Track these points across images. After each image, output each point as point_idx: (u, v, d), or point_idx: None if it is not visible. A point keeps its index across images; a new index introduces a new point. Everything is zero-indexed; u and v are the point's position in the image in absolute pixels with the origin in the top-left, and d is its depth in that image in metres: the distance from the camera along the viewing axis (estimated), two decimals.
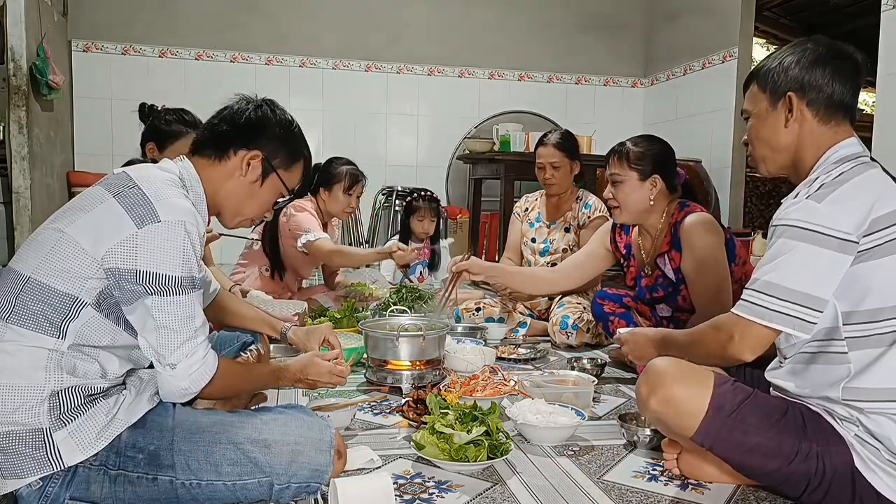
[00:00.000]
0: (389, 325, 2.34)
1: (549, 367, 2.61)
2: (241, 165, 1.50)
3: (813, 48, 1.45)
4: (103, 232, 1.28)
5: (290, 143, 1.58)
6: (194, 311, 1.34)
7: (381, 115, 5.63)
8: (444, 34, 5.70)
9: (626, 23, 6.02)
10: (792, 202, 1.37)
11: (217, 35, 5.31)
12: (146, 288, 1.27)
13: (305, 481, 1.36)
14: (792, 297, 1.32)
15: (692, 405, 1.40)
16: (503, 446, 1.58)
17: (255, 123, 1.52)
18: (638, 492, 1.50)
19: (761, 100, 1.50)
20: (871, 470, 1.31)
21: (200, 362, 1.34)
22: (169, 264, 1.28)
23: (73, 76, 5.08)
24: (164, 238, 1.28)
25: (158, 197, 1.32)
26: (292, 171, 1.59)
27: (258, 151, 1.51)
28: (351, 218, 5.38)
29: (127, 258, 1.26)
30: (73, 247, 1.28)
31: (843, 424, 1.35)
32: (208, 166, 1.50)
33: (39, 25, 4.44)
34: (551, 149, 3.23)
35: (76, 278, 1.27)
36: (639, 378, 1.54)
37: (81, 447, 1.25)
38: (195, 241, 1.34)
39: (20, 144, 4.40)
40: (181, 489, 1.30)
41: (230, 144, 1.50)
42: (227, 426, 1.36)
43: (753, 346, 1.39)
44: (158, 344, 1.30)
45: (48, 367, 1.25)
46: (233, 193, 1.52)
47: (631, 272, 2.56)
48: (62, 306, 1.27)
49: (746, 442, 1.37)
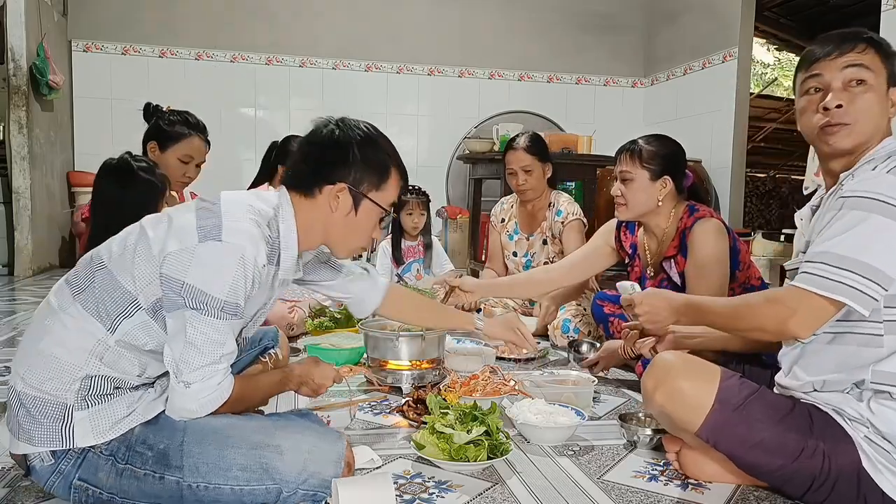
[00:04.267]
0: (389, 325, 2.34)
1: (549, 366, 2.61)
2: (330, 202, 1.46)
3: None
4: (171, 238, 1.29)
5: (372, 162, 1.49)
6: (226, 338, 1.32)
7: (381, 115, 5.63)
8: (444, 34, 5.71)
9: (626, 23, 6.02)
10: (868, 174, 1.32)
11: (217, 35, 5.31)
12: (187, 301, 1.27)
13: (313, 490, 1.35)
14: (859, 268, 1.25)
15: (697, 399, 1.40)
16: (503, 446, 1.58)
17: (331, 153, 1.47)
18: (638, 492, 1.50)
19: (881, 73, 1.41)
20: (878, 471, 1.30)
21: (215, 388, 1.33)
22: (216, 285, 1.27)
23: (73, 76, 5.08)
24: (219, 258, 1.28)
25: (229, 217, 1.32)
26: (385, 188, 1.51)
27: (342, 183, 1.46)
28: None
29: (179, 267, 1.27)
30: (147, 249, 1.30)
31: (853, 424, 1.33)
32: (301, 203, 1.48)
33: (39, 25, 4.44)
34: (521, 153, 3.13)
35: (141, 280, 1.29)
36: (645, 371, 1.53)
37: (96, 432, 1.28)
38: (249, 269, 1.31)
39: (20, 144, 4.40)
40: (187, 490, 1.30)
41: (314, 183, 1.46)
42: (240, 430, 1.35)
43: (812, 323, 1.32)
44: (181, 358, 1.29)
45: (92, 352, 1.29)
46: (332, 228, 1.49)
47: (635, 272, 2.54)
48: (122, 302, 1.29)
49: (751, 437, 1.36)
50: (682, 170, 2.36)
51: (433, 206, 4.77)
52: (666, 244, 2.37)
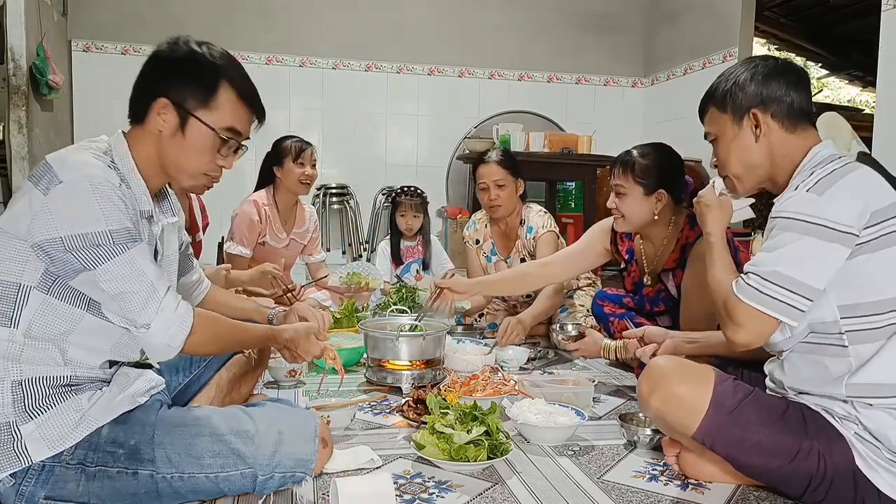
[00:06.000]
0: (389, 325, 2.34)
1: (549, 367, 2.61)
2: (157, 121, 1.35)
3: (762, 64, 1.51)
4: (19, 210, 1.24)
5: (194, 74, 1.35)
6: (142, 266, 1.25)
7: (381, 115, 5.63)
8: (444, 34, 5.70)
9: (626, 23, 6.01)
10: (791, 194, 1.38)
11: (217, 35, 5.28)
12: (78, 256, 1.20)
13: (290, 471, 1.34)
14: (785, 282, 1.32)
15: (693, 403, 1.41)
16: (503, 446, 1.58)
17: (154, 70, 1.37)
18: (638, 492, 1.50)
19: (724, 121, 1.53)
20: (871, 468, 1.31)
21: (173, 314, 1.28)
22: (89, 220, 1.20)
23: (73, 76, 5.07)
24: (71, 196, 1.21)
25: (58, 161, 1.25)
26: (214, 106, 1.37)
27: (163, 98, 1.34)
28: (351, 218, 5.39)
29: (47, 228, 1.20)
30: (1, 235, 1.25)
31: (843, 423, 1.35)
32: (137, 135, 1.38)
33: (39, 25, 4.44)
34: (494, 166, 3.01)
35: (10, 263, 1.24)
36: (640, 376, 1.54)
37: (49, 442, 1.23)
38: (108, 190, 1.23)
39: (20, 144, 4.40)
40: (162, 483, 1.29)
41: (141, 103, 1.36)
42: (209, 419, 1.35)
43: (753, 331, 1.38)
44: (122, 311, 1.25)
45: (7, 357, 1.23)
46: (165, 153, 1.37)
47: (632, 277, 2.52)
48: (7, 295, 1.24)
49: (747, 440, 1.37)
50: (679, 181, 2.31)
51: (433, 206, 4.78)
52: (665, 255, 2.35)
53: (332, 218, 5.42)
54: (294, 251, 3.53)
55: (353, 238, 5.41)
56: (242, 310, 1.89)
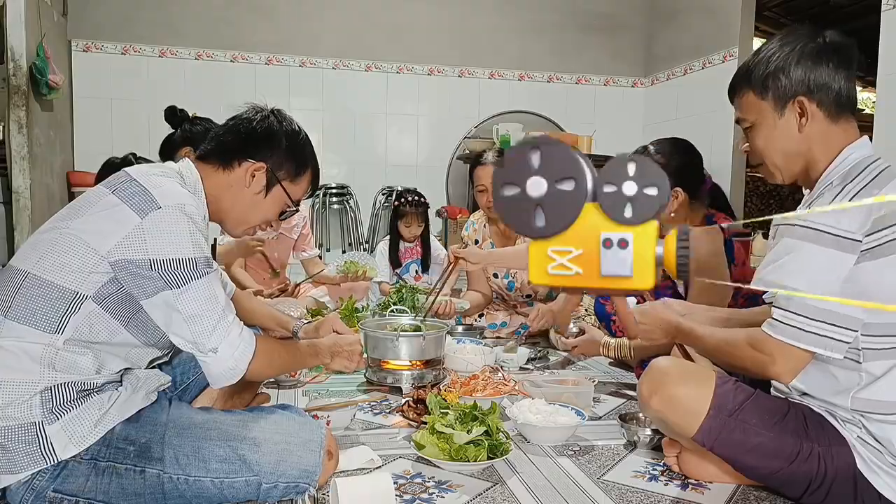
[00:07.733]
0: (389, 325, 2.34)
1: (549, 366, 2.61)
2: (246, 177, 1.51)
3: (809, 42, 1.35)
4: (106, 226, 1.28)
5: (296, 155, 1.57)
6: (215, 291, 1.33)
7: (381, 115, 5.63)
8: (444, 34, 5.70)
9: (626, 23, 6.01)
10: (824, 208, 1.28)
11: (217, 35, 5.31)
12: (164, 276, 1.27)
13: (294, 481, 1.35)
14: (827, 317, 1.25)
15: (694, 405, 1.40)
16: (503, 446, 1.58)
17: (260, 134, 1.53)
18: (638, 492, 1.50)
19: (763, 108, 1.40)
20: (873, 472, 1.30)
21: (238, 339, 1.35)
22: (180, 248, 1.28)
23: (73, 76, 5.07)
24: (167, 223, 1.29)
25: (154, 186, 1.32)
26: (298, 182, 1.59)
27: (263, 163, 1.51)
28: (351, 218, 5.39)
29: (138, 249, 1.27)
30: (73, 242, 1.28)
31: (846, 426, 1.34)
32: (213, 174, 1.51)
33: (39, 25, 4.44)
34: (491, 168, 2.97)
35: (77, 273, 1.27)
36: (641, 377, 1.53)
37: (74, 440, 1.25)
38: (198, 223, 1.35)
39: (20, 144, 4.40)
40: (168, 483, 1.29)
41: (235, 155, 1.51)
42: (219, 423, 1.36)
43: (793, 367, 1.33)
44: (193, 334, 1.30)
45: (42, 362, 1.25)
46: (237, 203, 1.52)
47: None
48: (61, 301, 1.27)
49: (747, 442, 1.37)
50: (696, 178, 2.25)
51: (433, 206, 4.78)
52: None
53: (331, 218, 5.42)
54: (285, 246, 3.51)
55: (352, 238, 5.40)
56: (273, 317, 1.96)
